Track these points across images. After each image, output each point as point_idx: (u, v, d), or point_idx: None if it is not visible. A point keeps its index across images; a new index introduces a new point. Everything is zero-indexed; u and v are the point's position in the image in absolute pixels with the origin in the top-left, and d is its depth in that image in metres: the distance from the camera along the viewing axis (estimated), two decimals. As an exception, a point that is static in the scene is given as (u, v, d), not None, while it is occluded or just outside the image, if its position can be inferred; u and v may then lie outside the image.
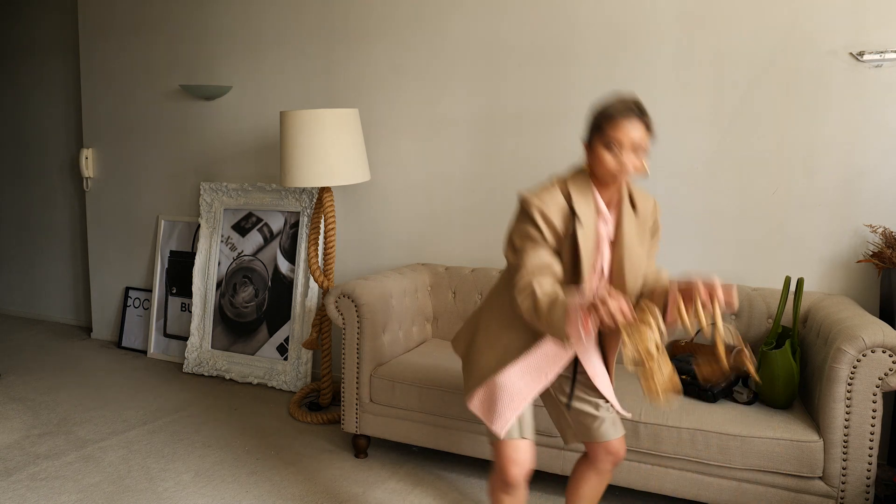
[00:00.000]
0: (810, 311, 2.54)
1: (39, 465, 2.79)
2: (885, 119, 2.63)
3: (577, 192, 1.71)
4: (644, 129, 1.65)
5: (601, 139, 1.66)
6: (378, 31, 3.53)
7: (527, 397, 1.82)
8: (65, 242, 5.02)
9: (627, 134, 1.63)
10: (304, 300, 3.73)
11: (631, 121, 1.64)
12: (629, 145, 1.63)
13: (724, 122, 2.86)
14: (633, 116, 1.64)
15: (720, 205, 2.90)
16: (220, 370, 3.89)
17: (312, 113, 3.07)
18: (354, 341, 2.78)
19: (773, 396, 2.32)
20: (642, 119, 1.65)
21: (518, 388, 1.81)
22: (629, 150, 1.63)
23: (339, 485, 2.64)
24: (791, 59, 2.74)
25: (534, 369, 1.82)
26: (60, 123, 4.90)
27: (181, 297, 4.22)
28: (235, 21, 3.95)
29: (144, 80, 4.32)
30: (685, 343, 2.71)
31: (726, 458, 2.20)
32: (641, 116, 1.65)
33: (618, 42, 3.02)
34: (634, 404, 2.34)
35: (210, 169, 4.15)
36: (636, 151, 1.64)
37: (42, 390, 3.65)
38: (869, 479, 2.10)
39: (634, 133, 1.63)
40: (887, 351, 2.05)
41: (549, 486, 2.60)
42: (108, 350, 4.44)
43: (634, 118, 1.64)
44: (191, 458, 2.86)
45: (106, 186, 4.57)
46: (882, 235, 2.58)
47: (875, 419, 2.08)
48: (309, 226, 3.58)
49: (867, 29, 2.62)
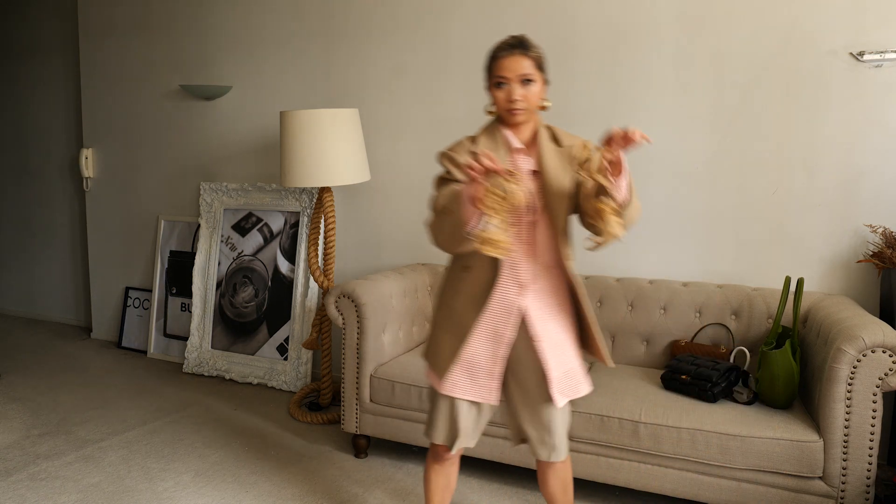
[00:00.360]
0: (810, 311, 2.54)
1: (39, 465, 2.79)
2: (885, 119, 2.63)
3: (485, 136, 1.81)
4: (529, 61, 1.71)
5: (491, 80, 1.76)
6: (378, 32, 3.53)
7: (493, 369, 1.81)
8: (65, 242, 5.02)
9: (510, 68, 1.70)
10: (304, 300, 3.73)
11: (512, 56, 1.71)
12: (514, 79, 1.70)
13: (723, 122, 2.87)
14: (514, 52, 1.71)
15: (720, 205, 2.90)
16: (220, 370, 3.89)
17: (312, 113, 3.07)
18: (354, 341, 2.78)
19: (773, 396, 2.32)
20: (525, 53, 1.71)
21: (483, 359, 1.81)
22: (516, 84, 1.71)
23: (339, 485, 2.64)
24: (791, 59, 2.74)
25: (491, 333, 1.80)
26: (60, 123, 4.90)
27: (181, 297, 4.22)
28: (235, 21, 3.95)
29: (144, 80, 4.32)
30: (685, 343, 2.71)
31: (726, 458, 2.20)
32: (524, 50, 1.71)
33: (618, 42, 3.02)
34: (635, 405, 2.35)
35: (210, 169, 4.15)
36: (525, 85, 1.71)
37: (42, 390, 3.65)
38: (869, 479, 2.10)
39: (517, 66, 1.70)
40: (887, 351, 2.05)
41: (549, 486, 2.60)
42: (108, 350, 4.44)
43: (516, 53, 1.70)
44: (191, 458, 2.86)
45: (106, 186, 4.57)
46: (882, 235, 2.58)
47: (875, 419, 2.08)
48: (309, 226, 3.58)
49: (867, 29, 2.62)
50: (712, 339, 2.72)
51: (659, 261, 3.01)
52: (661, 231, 3.00)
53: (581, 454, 2.40)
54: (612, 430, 2.33)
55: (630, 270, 3.04)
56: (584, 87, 3.09)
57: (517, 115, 1.74)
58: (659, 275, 2.99)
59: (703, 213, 2.93)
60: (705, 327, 2.74)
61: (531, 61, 1.71)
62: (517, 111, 1.73)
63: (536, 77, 1.73)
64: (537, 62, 1.73)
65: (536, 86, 1.73)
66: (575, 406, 2.39)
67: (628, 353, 2.84)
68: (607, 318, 2.88)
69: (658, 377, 2.59)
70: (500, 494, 2.55)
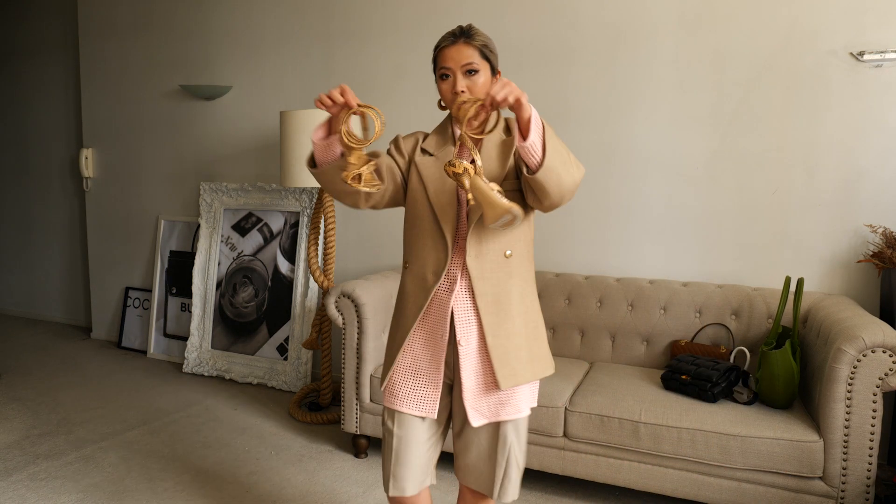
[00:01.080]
0: (810, 312, 2.54)
1: (39, 465, 2.79)
2: (885, 119, 2.63)
3: (436, 132, 1.69)
4: (473, 50, 1.57)
5: (436, 73, 1.62)
6: (378, 32, 3.53)
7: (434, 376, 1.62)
8: (65, 242, 5.02)
9: (452, 58, 1.57)
10: (304, 300, 3.73)
11: (455, 45, 1.58)
12: (458, 69, 1.57)
13: (724, 122, 2.87)
14: (457, 41, 1.58)
15: (720, 205, 2.90)
16: (220, 370, 3.89)
17: (312, 113, 3.07)
18: (354, 341, 2.78)
19: (773, 396, 2.32)
20: (468, 41, 1.57)
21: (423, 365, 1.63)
22: (461, 75, 1.57)
23: (339, 485, 2.64)
24: (791, 59, 2.74)
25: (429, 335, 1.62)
26: (60, 123, 4.90)
27: (181, 297, 4.22)
28: (235, 21, 3.95)
29: (144, 80, 4.32)
30: (685, 343, 2.71)
31: (726, 458, 2.20)
32: (467, 39, 1.58)
33: (618, 42, 3.02)
34: (635, 405, 2.35)
35: (210, 169, 4.15)
36: (469, 76, 1.57)
37: (42, 390, 3.65)
38: (869, 479, 2.10)
39: (459, 56, 1.57)
40: (887, 351, 2.05)
41: (549, 486, 2.60)
42: (108, 350, 4.43)
43: (459, 42, 1.58)
44: (191, 458, 2.86)
45: (106, 186, 4.57)
46: (882, 235, 2.58)
47: (875, 419, 2.08)
48: (309, 226, 3.58)
49: (867, 29, 2.62)
50: (712, 339, 2.72)
51: (659, 261, 3.01)
52: (661, 231, 3.00)
53: (581, 454, 2.40)
54: (612, 430, 2.33)
55: (630, 270, 3.04)
56: (584, 87, 3.09)
57: (468, 110, 1.55)
58: (659, 275, 2.99)
59: (703, 213, 2.93)
60: (705, 327, 2.74)
61: (475, 50, 1.58)
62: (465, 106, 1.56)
63: (482, 67, 1.58)
64: (482, 51, 1.59)
65: (482, 76, 1.59)
66: (575, 406, 2.39)
67: (628, 353, 2.84)
68: (607, 318, 2.88)
69: (658, 377, 2.59)
70: (500, 494, 2.55)
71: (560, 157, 1.43)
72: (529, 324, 1.62)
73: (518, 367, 1.58)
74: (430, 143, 1.67)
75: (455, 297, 1.58)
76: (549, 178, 1.42)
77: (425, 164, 1.63)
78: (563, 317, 2.96)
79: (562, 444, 2.43)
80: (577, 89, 3.10)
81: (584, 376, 2.66)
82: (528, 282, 1.64)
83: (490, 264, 1.57)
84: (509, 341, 1.57)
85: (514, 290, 1.59)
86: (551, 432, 2.41)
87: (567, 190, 1.46)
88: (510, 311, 1.58)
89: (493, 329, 1.56)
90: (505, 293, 1.58)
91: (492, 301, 1.57)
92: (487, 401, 1.60)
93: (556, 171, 1.42)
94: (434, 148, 1.66)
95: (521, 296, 1.61)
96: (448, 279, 1.59)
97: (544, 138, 1.41)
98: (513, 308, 1.59)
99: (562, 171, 1.43)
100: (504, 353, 1.57)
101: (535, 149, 1.41)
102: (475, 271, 1.57)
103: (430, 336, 1.62)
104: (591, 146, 3.09)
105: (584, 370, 2.73)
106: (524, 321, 1.61)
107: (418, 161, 1.64)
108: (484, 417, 1.60)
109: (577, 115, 3.11)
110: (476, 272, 1.57)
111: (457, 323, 1.58)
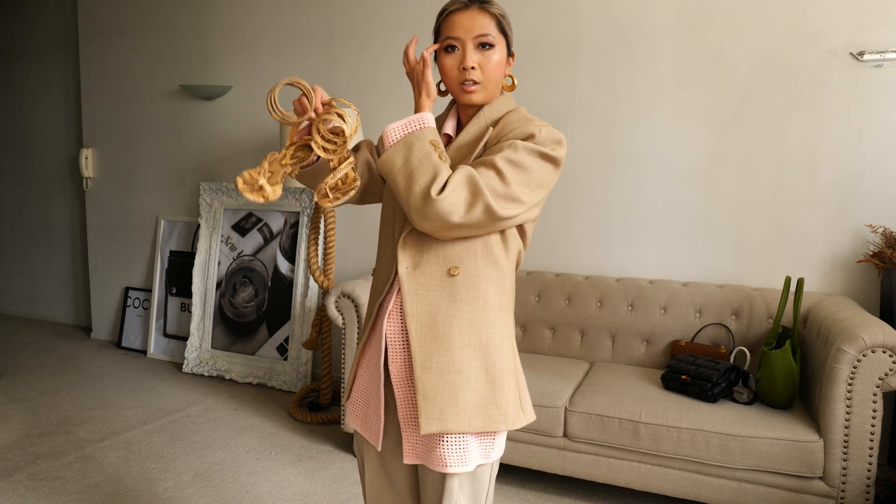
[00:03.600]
0: (810, 312, 2.54)
1: (39, 465, 2.79)
2: (885, 119, 2.63)
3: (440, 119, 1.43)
4: (490, 19, 1.28)
5: (440, 45, 1.31)
6: (377, 32, 3.53)
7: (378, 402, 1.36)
8: (65, 242, 5.02)
9: (464, 26, 1.27)
10: (304, 300, 3.73)
11: (468, 11, 1.28)
12: (470, 40, 1.28)
13: (724, 122, 2.87)
14: (470, 6, 1.29)
15: (720, 205, 2.90)
16: (220, 370, 3.89)
17: (312, 113, 3.06)
18: (354, 341, 2.78)
19: (773, 396, 2.32)
20: (484, 7, 1.29)
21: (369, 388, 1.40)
22: (472, 48, 1.28)
23: (339, 485, 2.64)
24: (791, 59, 2.74)
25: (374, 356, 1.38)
26: (60, 123, 4.90)
27: (181, 297, 4.22)
28: (235, 21, 3.95)
29: (144, 80, 4.32)
30: (685, 343, 2.71)
31: (726, 458, 2.20)
32: (482, 4, 1.29)
33: (618, 41, 3.02)
34: (635, 405, 2.35)
35: (210, 169, 4.15)
36: (483, 50, 1.28)
37: (42, 390, 3.65)
38: (869, 479, 2.10)
39: (472, 24, 1.27)
40: (887, 351, 2.05)
41: (550, 486, 2.60)
42: (108, 350, 4.43)
43: (473, 7, 1.28)
44: (191, 458, 2.86)
45: (106, 186, 4.57)
46: (882, 235, 2.58)
47: (875, 419, 2.08)
48: (309, 226, 3.58)
49: (867, 29, 2.62)
50: (712, 339, 2.72)
51: (659, 261, 3.01)
52: (661, 231, 3.00)
53: (581, 454, 2.40)
54: (612, 430, 2.33)
55: (630, 270, 3.04)
56: (584, 86, 3.09)
57: (471, 90, 1.30)
58: (659, 275, 2.99)
59: (703, 213, 2.93)
60: (705, 327, 2.74)
61: (491, 19, 1.28)
62: (471, 85, 1.29)
63: (498, 41, 1.29)
64: (500, 22, 1.30)
65: (497, 53, 1.30)
66: (575, 406, 2.39)
67: (628, 353, 2.84)
68: (607, 318, 2.88)
69: (658, 377, 2.59)
70: (500, 494, 2.55)
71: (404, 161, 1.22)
72: (487, 362, 1.28)
73: (449, 412, 1.25)
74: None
75: (389, 313, 1.32)
76: (387, 170, 1.24)
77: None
78: (563, 317, 2.96)
79: (562, 444, 2.43)
80: (577, 89, 3.10)
81: (585, 376, 2.66)
82: (489, 315, 1.29)
83: (427, 279, 1.28)
84: (442, 377, 1.26)
85: (459, 316, 1.27)
86: (551, 432, 2.41)
87: (414, 193, 1.20)
88: (450, 341, 1.26)
89: (422, 358, 1.27)
90: (445, 318, 1.27)
91: (426, 324, 1.27)
92: (419, 438, 1.31)
93: (394, 170, 1.23)
94: None
95: (471, 326, 1.27)
96: (389, 290, 1.33)
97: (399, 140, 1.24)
98: (454, 338, 1.26)
99: (400, 173, 1.22)
100: (432, 389, 1.26)
101: (386, 140, 1.25)
102: (407, 285, 1.28)
103: (374, 354, 1.37)
104: (592, 146, 3.09)
105: (584, 370, 2.73)
106: (476, 357, 1.28)
107: None
108: (416, 456, 1.32)
109: (578, 115, 3.10)
110: (408, 286, 1.28)
111: (389, 344, 1.32)
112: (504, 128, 1.30)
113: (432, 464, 1.28)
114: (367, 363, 1.40)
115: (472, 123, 1.33)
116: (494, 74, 1.30)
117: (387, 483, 1.42)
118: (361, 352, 1.41)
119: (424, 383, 1.26)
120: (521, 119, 1.31)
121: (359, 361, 1.42)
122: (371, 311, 1.38)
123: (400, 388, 1.32)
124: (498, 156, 1.23)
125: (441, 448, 1.27)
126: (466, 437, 1.28)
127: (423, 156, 1.21)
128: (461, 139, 1.32)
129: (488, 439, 1.32)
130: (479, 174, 1.21)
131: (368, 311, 1.39)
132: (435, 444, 1.28)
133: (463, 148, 1.31)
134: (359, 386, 1.43)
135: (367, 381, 1.40)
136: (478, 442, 1.30)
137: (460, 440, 1.28)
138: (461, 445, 1.28)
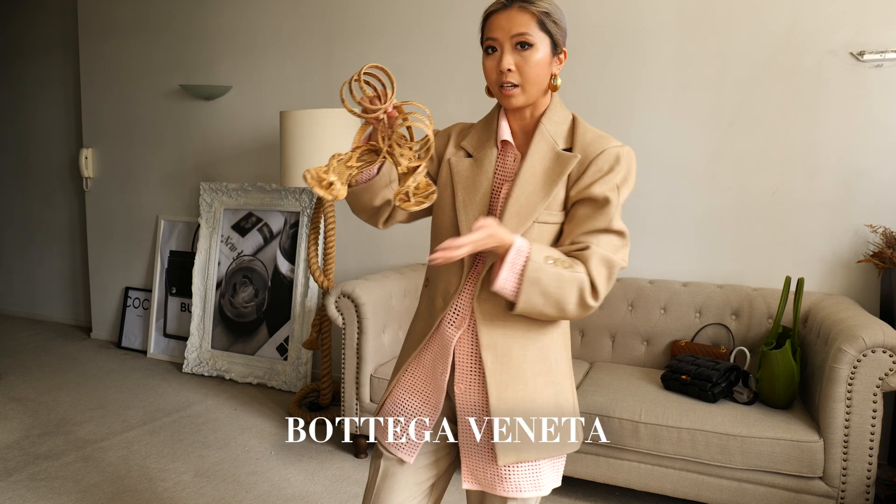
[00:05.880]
0: (810, 312, 2.54)
1: (39, 465, 2.79)
2: (885, 119, 2.63)
3: (481, 124, 1.38)
4: (529, 17, 1.23)
5: (483, 48, 1.29)
6: (377, 31, 3.53)
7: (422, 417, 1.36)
8: (65, 242, 5.02)
9: (501, 27, 1.23)
10: (304, 300, 3.73)
11: (507, 11, 1.24)
12: (507, 41, 1.23)
13: (724, 122, 2.86)
14: (509, 6, 1.24)
15: (720, 205, 2.90)
16: (220, 370, 3.89)
17: (312, 113, 3.07)
18: (354, 341, 2.78)
19: (773, 396, 2.32)
20: (524, 6, 1.24)
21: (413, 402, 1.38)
22: (510, 49, 1.23)
23: (339, 485, 2.64)
24: (791, 59, 2.74)
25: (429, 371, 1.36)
26: (60, 123, 4.90)
27: (181, 297, 4.22)
28: (235, 21, 3.95)
29: (144, 80, 4.32)
30: (685, 343, 2.71)
31: (726, 458, 2.20)
32: (523, 2, 1.24)
33: (618, 41, 3.02)
34: (635, 405, 2.35)
35: (210, 169, 4.15)
36: (520, 50, 1.24)
37: (42, 390, 3.65)
38: (869, 480, 2.10)
39: (510, 24, 1.23)
40: (887, 351, 2.05)
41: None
42: (108, 350, 4.43)
43: (513, 7, 1.24)
44: (191, 458, 2.86)
45: (106, 186, 4.57)
46: (882, 235, 2.58)
47: (875, 419, 2.08)
48: (309, 226, 3.58)
49: (867, 29, 2.62)
50: (712, 339, 2.72)
51: (659, 261, 3.01)
52: (661, 231, 3.00)
53: (581, 454, 2.40)
54: (612, 430, 2.33)
55: (630, 270, 3.04)
56: (583, 86, 3.08)
57: (509, 94, 1.25)
58: (659, 275, 2.99)
59: (703, 213, 2.93)
60: (705, 327, 2.74)
61: (531, 18, 1.23)
62: (510, 88, 1.25)
63: (538, 40, 1.23)
64: (542, 20, 1.24)
65: (538, 52, 1.24)
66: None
67: (628, 353, 2.84)
68: (607, 318, 2.88)
69: (658, 377, 2.59)
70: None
71: (543, 296, 1.17)
72: (556, 388, 1.30)
73: (525, 441, 1.26)
74: (471, 141, 1.36)
75: (459, 338, 1.30)
76: (529, 312, 1.20)
77: (461, 166, 1.34)
78: (563, 317, 2.96)
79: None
80: (577, 89, 3.10)
81: (585, 376, 2.66)
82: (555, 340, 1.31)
83: (503, 310, 1.25)
84: (518, 408, 1.27)
85: (533, 345, 1.27)
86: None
87: (570, 313, 1.21)
88: (524, 370, 1.27)
89: (498, 390, 1.26)
90: (520, 349, 1.27)
91: (502, 354, 1.26)
92: (486, 465, 1.30)
93: (537, 309, 1.19)
94: (474, 148, 1.35)
95: (542, 354, 1.29)
96: (456, 311, 1.30)
97: (521, 283, 1.16)
98: (527, 367, 1.27)
99: (546, 307, 1.18)
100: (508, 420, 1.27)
101: (505, 292, 1.18)
102: (482, 314, 1.26)
103: (429, 372, 1.35)
104: (591, 146, 3.09)
105: (584, 370, 2.73)
106: (548, 384, 1.29)
107: (453, 161, 1.35)
108: (477, 483, 1.31)
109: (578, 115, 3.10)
110: (483, 315, 1.26)
111: (457, 368, 1.30)
112: (585, 154, 1.26)
113: (504, 491, 1.28)
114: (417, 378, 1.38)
115: (537, 140, 1.29)
116: (534, 75, 1.24)
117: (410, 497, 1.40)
118: (406, 366, 1.39)
119: (501, 414, 1.26)
120: (596, 138, 1.28)
121: (400, 375, 1.40)
122: (423, 327, 1.36)
123: (464, 412, 1.31)
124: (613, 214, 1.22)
125: (515, 475, 1.28)
126: (540, 462, 1.30)
127: (554, 280, 1.17)
128: (533, 166, 1.27)
129: (559, 461, 1.34)
130: (604, 243, 1.21)
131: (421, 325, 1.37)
132: (508, 472, 1.28)
133: (538, 178, 1.26)
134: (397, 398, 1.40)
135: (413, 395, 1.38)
136: (551, 465, 1.32)
137: (534, 465, 1.29)
138: (534, 471, 1.29)
